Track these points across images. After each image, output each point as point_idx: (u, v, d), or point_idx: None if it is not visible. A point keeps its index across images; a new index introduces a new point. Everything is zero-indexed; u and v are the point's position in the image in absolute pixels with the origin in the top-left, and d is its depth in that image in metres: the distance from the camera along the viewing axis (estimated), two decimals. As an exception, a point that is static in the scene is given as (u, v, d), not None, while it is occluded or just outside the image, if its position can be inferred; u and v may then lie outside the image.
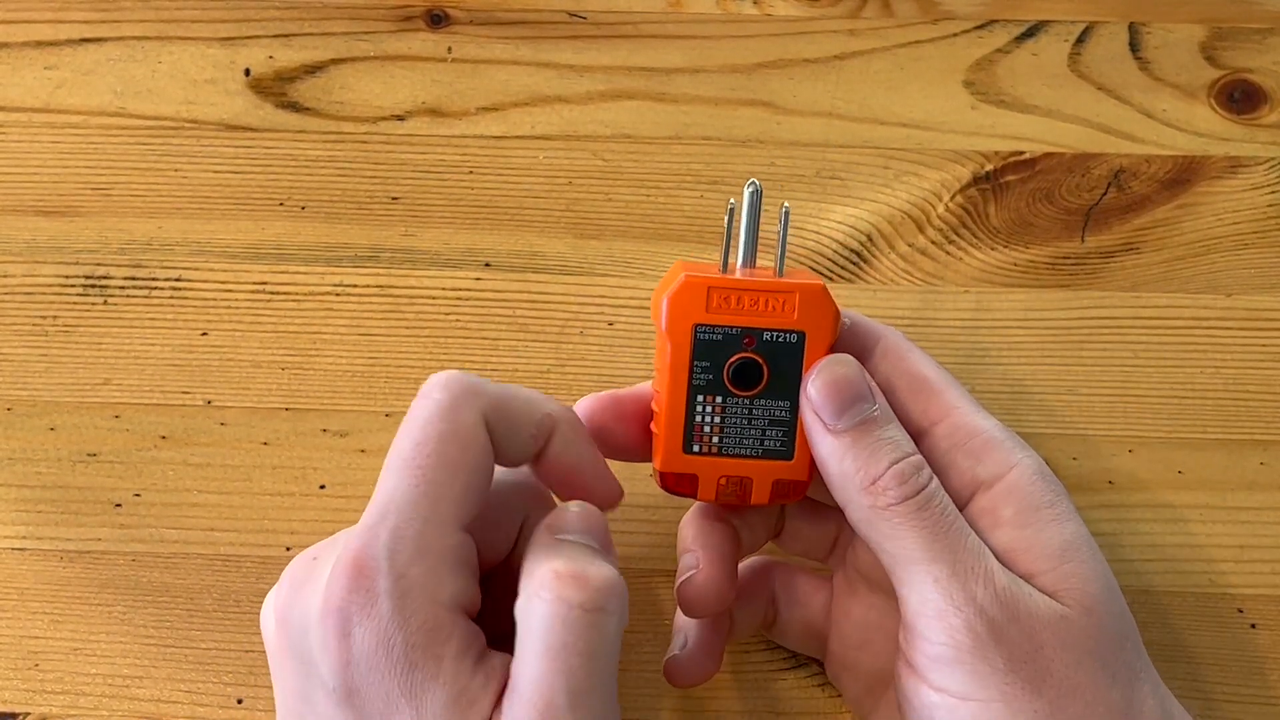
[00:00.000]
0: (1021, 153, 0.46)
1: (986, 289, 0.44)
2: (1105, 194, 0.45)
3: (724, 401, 0.33)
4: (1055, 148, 0.46)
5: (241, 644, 0.39)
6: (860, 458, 0.32)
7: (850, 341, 0.35)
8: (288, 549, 0.40)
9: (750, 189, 0.34)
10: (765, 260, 0.35)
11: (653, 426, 0.34)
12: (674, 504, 0.40)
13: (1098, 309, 0.44)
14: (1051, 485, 0.33)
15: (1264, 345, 0.43)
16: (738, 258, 0.34)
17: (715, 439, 0.33)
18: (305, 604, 0.30)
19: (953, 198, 0.45)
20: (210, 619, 0.39)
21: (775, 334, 0.33)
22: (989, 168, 0.46)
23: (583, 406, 0.35)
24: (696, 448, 0.33)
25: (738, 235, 0.34)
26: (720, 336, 0.33)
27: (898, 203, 0.45)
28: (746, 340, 0.33)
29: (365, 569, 0.30)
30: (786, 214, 0.34)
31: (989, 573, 0.31)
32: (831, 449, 0.32)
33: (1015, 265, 0.44)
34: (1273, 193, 0.45)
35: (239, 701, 0.38)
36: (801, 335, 0.33)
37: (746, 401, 0.33)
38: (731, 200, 0.34)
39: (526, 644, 0.29)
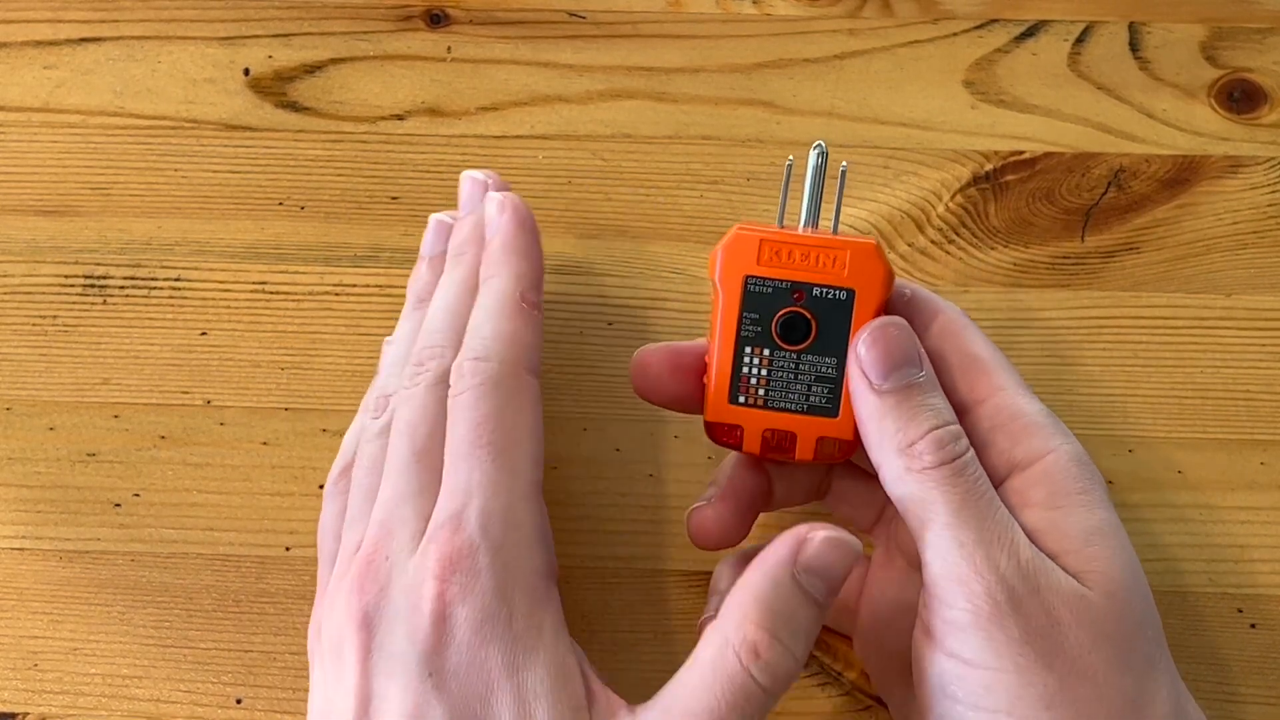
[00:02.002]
0: (1021, 152, 0.46)
1: (986, 289, 0.44)
2: (1105, 194, 0.45)
3: (771, 354, 0.33)
4: (1055, 147, 0.46)
5: (241, 644, 0.39)
6: (900, 419, 0.32)
7: (908, 313, 0.35)
8: (287, 549, 0.40)
9: (816, 150, 0.34)
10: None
11: (704, 379, 0.35)
12: (672, 504, 0.40)
13: (1097, 309, 0.44)
14: (1087, 472, 0.33)
15: (1264, 345, 0.43)
16: (800, 219, 0.35)
17: (761, 391, 0.34)
18: (393, 598, 0.31)
19: (952, 197, 0.45)
20: (210, 619, 0.39)
21: (825, 290, 0.33)
22: (989, 167, 0.46)
23: (640, 356, 0.36)
24: (742, 399, 0.34)
25: (800, 196, 0.34)
26: (770, 289, 0.33)
27: (897, 202, 0.45)
28: (796, 295, 0.33)
29: (462, 549, 0.30)
30: (844, 173, 0.34)
31: (1014, 544, 0.31)
32: (873, 408, 0.32)
33: (1015, 265, 0.44)
34: (1273, 192, 0.45)
35: (238, 701, 0.38)
36: (851, 293, 0.33)
37: (793, 356, 0.33)
38: (790, 157, 0.35)
39: (697, 676, 0.30)
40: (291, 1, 0.48)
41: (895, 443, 0.32)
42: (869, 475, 0.36)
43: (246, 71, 0.47)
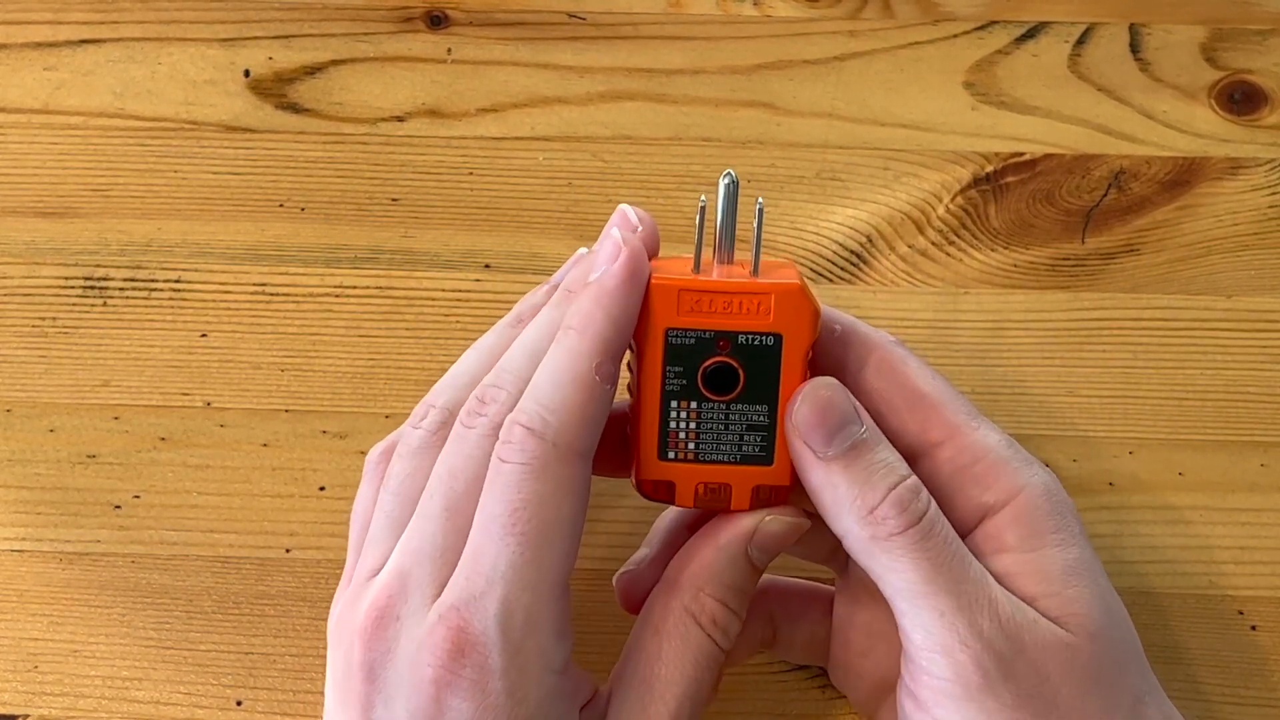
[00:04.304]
0: (1022, 154, 0.46)
1: (987, 290, 0.44)
2: (1105, 195, 0.45)
3: (699, 407, 0.32)
4: (1055, 149, 0.46)
5: (241, 646, 0.39)
6: (855, 484, 0.31)
7: (842, 352, 0.34)
8: (287, 550, 0.40)
9: (726, 180, 0.32)
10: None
11: (628, 431, 0.33)
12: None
13: (1098, 310, 0.43)
14: (1058, 507, 0.32)
15: (1264, 347, 0.43)
16: (714, 253, 0.33)
17: (691, 445, 0.32)
18: (398, 662, 0.30)
19: (953, 199, 0.45)
20: (210, 621, 0.39)
21: (751, 336, 0.31)
22: (989, 169, 0.46)
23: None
24: (672, 454, 0.32)
25: (713, 229, 0.33)
26: (693, 340, 0.31)
27: (898, 204, 0.45)
28: (721, 344, 0.31)
29: (475, 643, 0.29)
30: (761, 210, 0.32)
31: (994, 603, 0.30)
32: (823, 476, 0.31)
33: (1015, 266, 0.44)
34: (1273, 194, 0.45)
35: (238, 704, 0.38)
36: (778, 337, 0.31)
37: (722, 407, 0.32)
38: (703, 198, 0.33)
39: (666, 646, 0.31)
40: (292, 3, 0.48)
41: (855, 511, 0.31)
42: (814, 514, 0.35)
43: (247, 73, 0.47)
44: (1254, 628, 0.39)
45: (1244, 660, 0.39)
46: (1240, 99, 0.47)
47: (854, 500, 0.31)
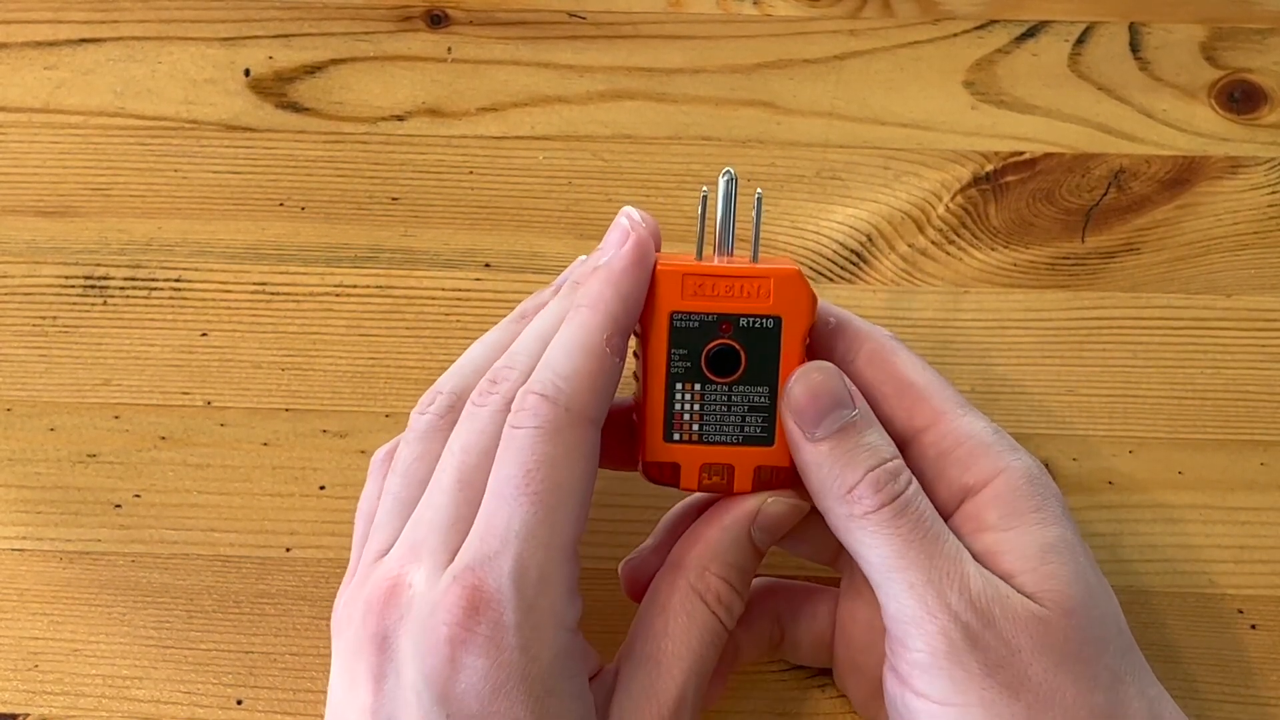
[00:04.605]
0: (1022, 153, 0.46)
1: (986, 289, 0.44)
2: (1105, 194, 0.45)
3: (703, 389, 0.33)
4: (1055, 148, 0.46)
5: (241, 645, 0.39)
6: (837, 465, 0.32)
7: (836, 343, 0.34)
8: (287, 550, 0.40)
9: (725, 178, 0.34)
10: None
11: (634, 416, 0.34)
12: (673, 503, 0.40)
13: (1098, 309, 0.44)
14: (1039, 489, 0.33)
15: (1264, 346, 0.43)
16: (714, 247, 0.34)
17: (695, 427, 0.33)
18: (411, 628, 0.30)
19: (953, 198, 0.45)
20: (210, 620, 0.39)
21: (752, 319, 0.33)
22: (989, 168, 0.46)
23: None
24: (677, 436, 0.33)
25: (713, 224, 0.34)
26: (697, 323, 0.33)
27: (898, 203, 0.45)
28: (723, 326, 0.33)
29: (490, 600, 0.30)
30: (759, 200, 0.34)
31: (964, 577, 0.31)
32: (811, 457, 0.32)
33: (1015, 266, 0.44)
34: (1273, 193, 0.45)
35: (239, 703, 0.38)
36: (778, 320, 0.33)
37: (725, 388, 0.33)
38: (704, 188, 0.34)
39: (673, 623, 0.32)
40: (292, 2, 0.48)
41: (834, 490, 0.32)
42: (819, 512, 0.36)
43: (247, 72, 0.47)
44: (1254, 627, 0.39)
45: (1244, 659, 0.39)
46: (1240, 98, 0.47)
47: (834, 480, 0.32)
